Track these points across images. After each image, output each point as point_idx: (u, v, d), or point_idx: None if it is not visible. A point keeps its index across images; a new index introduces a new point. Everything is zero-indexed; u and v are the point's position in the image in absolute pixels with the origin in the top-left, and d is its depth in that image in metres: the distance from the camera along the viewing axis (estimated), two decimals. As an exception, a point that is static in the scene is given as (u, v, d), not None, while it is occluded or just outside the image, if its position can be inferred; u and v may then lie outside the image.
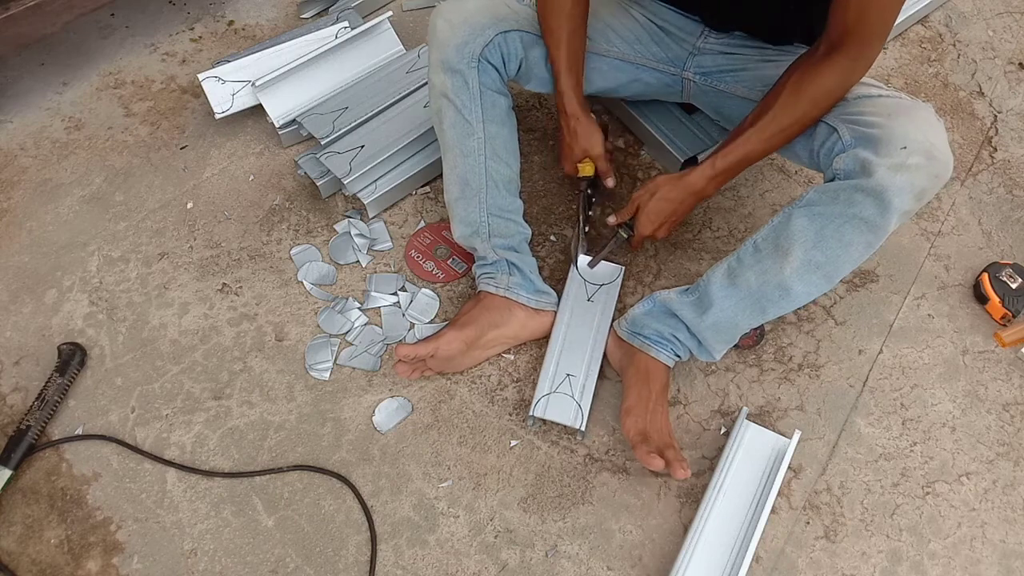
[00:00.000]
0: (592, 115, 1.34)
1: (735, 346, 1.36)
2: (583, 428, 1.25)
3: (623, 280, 1.42)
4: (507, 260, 1.32)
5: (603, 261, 1.41)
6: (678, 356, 1.27)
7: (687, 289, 1.24)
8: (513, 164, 1.33)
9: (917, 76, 1.76)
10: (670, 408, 1.31)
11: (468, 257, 1.46)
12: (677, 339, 1.25)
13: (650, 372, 1.25)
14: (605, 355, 1.33)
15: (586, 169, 1.37)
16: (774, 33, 1.26)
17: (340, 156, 1.49)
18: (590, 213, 1.45)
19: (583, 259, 1.41)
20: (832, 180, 1.08)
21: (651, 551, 1.20)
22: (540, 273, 1.38)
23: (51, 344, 1.36)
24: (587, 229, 1.44)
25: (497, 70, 1.26)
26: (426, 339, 1.25)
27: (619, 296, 1.39)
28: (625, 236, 1.34)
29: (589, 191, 1.43)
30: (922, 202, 1.05)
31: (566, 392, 1.28)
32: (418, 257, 1.47)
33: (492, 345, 1.32)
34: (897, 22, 1.73)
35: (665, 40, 1.32)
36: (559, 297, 1.37)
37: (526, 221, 1.37)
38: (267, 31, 1.80)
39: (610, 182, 1.39)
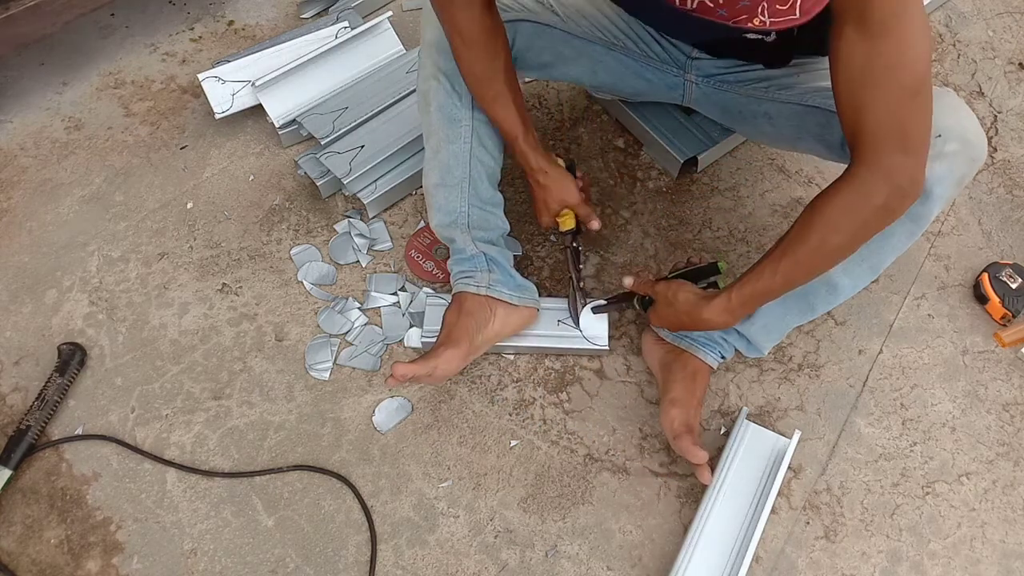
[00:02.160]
0: (557, 160, 1.29)
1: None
2: (593, 308, 1.32)
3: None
4: (485, 255, 1.28)
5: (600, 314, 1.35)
6: (723, 357, 1.27)
7: None
8: (497, 156, 1.29)
9: (917, 76, 1.75)
10: (670, 408, 1.31)
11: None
12: (726, 340, 1.25)
13: (696, 373, 1.24)
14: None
15: (567, 222, 1.30)
16: (766, 62, 1.23)
17: (340, 156, 1.49)
18: (581, 267, 1.35)
19: (588, 311, 1.35)
20: None
21: (651, 551, 1.20)
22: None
23: (51, 344, 1.36)
24: (581, 284, 1.34)
25: None
26: (423, 358, 1.19)
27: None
28: (638, 309, 1.28)
29: (575, 244, 1.34)
30: (962, 187, 1.03)
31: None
32: (418, 257, 1.47)
33: (483, 346, 1.28)
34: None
35: (664, 42, 1.31)
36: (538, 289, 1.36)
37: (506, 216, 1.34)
38: (267, 31, 1.80)
39: (595, 224, 1.30)
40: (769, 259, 1.03)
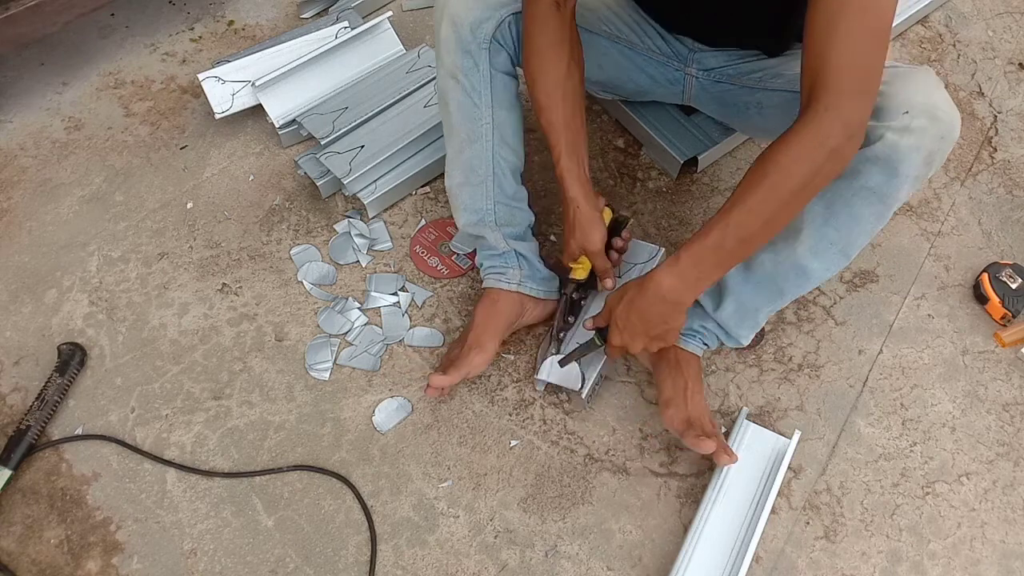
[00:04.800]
0: (598, 199, 1.21)
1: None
2: (585, 395, 1.26)
3: None
4: (516, 251, 1.31)
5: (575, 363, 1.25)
6: (706, 345, 1.26)
7: None
8: (519, 151, 1.30)
9: (917, 76, 1.76)
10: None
11: (471, 253, 1.45)
12: (705, 329, 1.24)
13: (680, 362, 1.24)
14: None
15: (578, 272, 1.24)
16: (769, 48, 1.24)
17: (340, 156, 1.49)
18: (570, 319, 1.29)
19: (550, 361, 1.26)
20: None
21: (651, 551, 1.20)
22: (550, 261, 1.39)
23: (51, 344, 1.36)
24: (562, 335, 1.28)
25: (508, 52, 1.22)
26: (455, 367, 1.23)
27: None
28: (599, 344, 1.18)
29: (576, 295, 1.29)
30: (932, 167, 1.01)
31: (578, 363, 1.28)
32: (422, 253, 1.47)
33: (505, 338, 1.34)
34: (897, 22, 1.74)
35: (667, 35, 1.32)
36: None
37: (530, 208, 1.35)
38: (267, 31, 1.80)
39: (608, 283, 1.23)
40: (719, 213, 0.99)
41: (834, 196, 1.04)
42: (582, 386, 1.25)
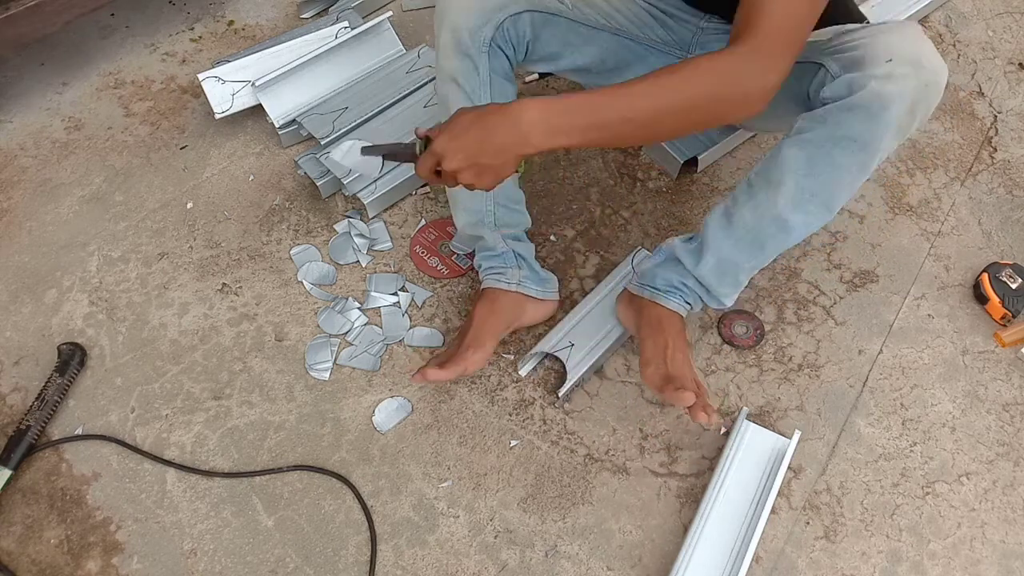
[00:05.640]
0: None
1: (732, 345, 1.37)
2: (563, 395, 1.29)
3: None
4: (514, 251, 1.33)
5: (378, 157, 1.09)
6: (688, 304, 1.26)
7: (691, 236, 1.24)
8: None
9: (917, 76, 1.76)
10: (670, 408, 1.31)
11: (471, 253, 1.46)
12: (686, 286, 1.24)
13: (662, 320, 1.24)
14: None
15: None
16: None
17: (340, 156, 1.49)
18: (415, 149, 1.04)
19: (351, 143, 1.09)
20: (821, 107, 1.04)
21: (651, 551, 1.20)
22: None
23: (51, 344, 1.36)
24: (399, 143, 1.08)
25: (507, 56, 1.23)
26: (452, 362, 1.23)
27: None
28: (419, 152, 1.00)
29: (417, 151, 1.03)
30: (915, 117, 1.00)
31: (562, 358, 1.30)
32: (422, 253, 1.47)
33: (505, 338, 1.35)
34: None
35: (669, 23, 1.32)
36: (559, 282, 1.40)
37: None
38: (267, 31, 1.80)
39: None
40: (616, 86, 0.96)
41: (815, 147, 1.03)
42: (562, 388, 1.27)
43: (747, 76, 0.94)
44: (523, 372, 1.34)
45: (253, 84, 1.55)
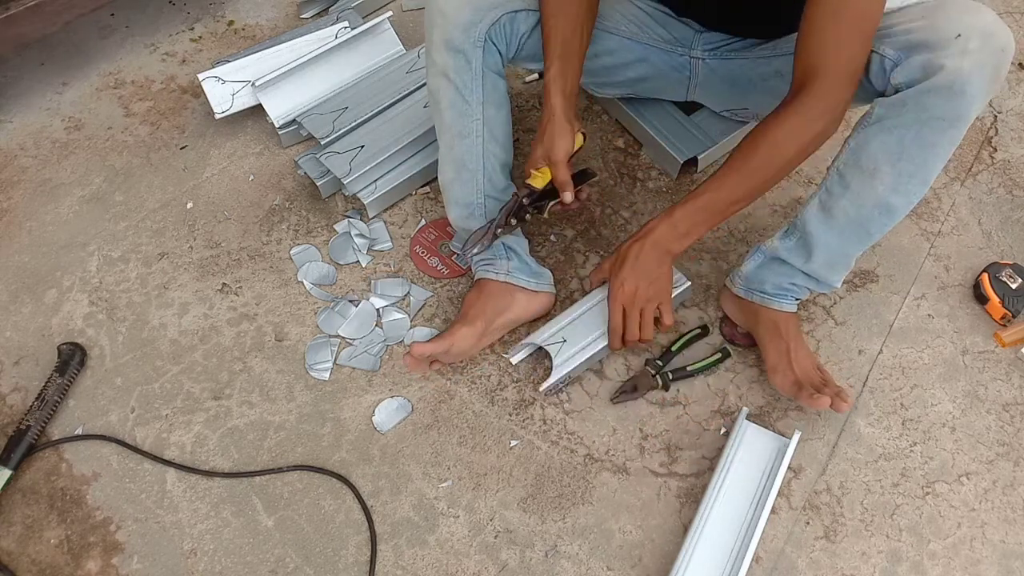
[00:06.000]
0: (577, 119, 1.23)
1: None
2: (544, 389, 1.29)
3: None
4: (504, 243, 1.33)
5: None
6: (798, 299, 1.30)
7: (786, 231, 1.25)
8: (508, 148, 1.32)
9: (917, 76, 1.76)
10: (670, 408, 1.31)
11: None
12: (795, 284, 1.27)
13: (778, 324, 1.28)
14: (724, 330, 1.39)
15: (537, 180, 1.21)
16: (770, 34, 1.26)
17: (340, 156, 1.49)
18: (513, 221, 1.24)
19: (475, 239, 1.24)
20: (896, 93, 1.05)
21: (651, 551, 1.20)
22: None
23: (51, 344, 1.36)
24: (498, 231, 1.24)
25: (500, 52, 1.23)
26: (440, 337, 1.26)
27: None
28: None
29: (526, 200, 1.23)
30: (998, 82, 1.02)
31: (551, 352, 1.30)
32: (422, 253, 1.47)
33: (499, 330, 1.35)
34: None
35: (671, 22, 1.32)
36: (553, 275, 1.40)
37: None
38: (267, 31, 1.80)
39: (567, 196, 1.21)
40: (712, 178, 1.12)
41: (904, 130, 1.05)
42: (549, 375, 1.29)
43: (820, 119, 1.05)
44: (514, 360, 1.35)
45: (253, 84, 1.55)
